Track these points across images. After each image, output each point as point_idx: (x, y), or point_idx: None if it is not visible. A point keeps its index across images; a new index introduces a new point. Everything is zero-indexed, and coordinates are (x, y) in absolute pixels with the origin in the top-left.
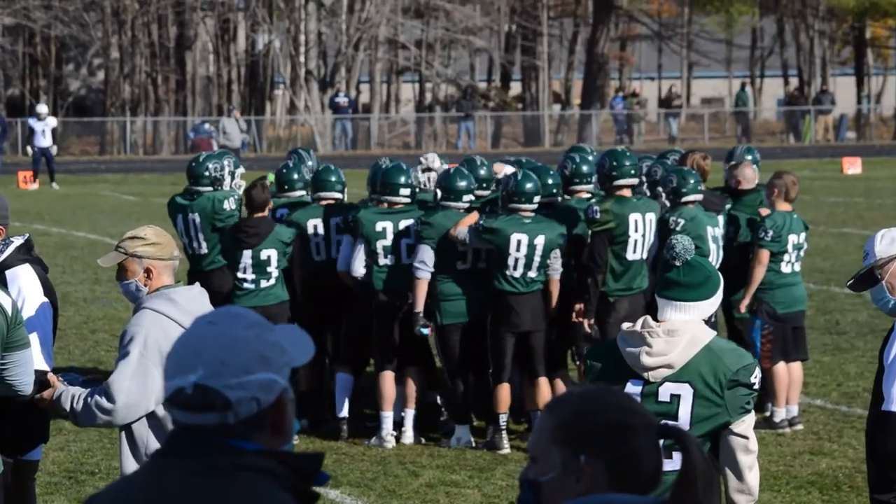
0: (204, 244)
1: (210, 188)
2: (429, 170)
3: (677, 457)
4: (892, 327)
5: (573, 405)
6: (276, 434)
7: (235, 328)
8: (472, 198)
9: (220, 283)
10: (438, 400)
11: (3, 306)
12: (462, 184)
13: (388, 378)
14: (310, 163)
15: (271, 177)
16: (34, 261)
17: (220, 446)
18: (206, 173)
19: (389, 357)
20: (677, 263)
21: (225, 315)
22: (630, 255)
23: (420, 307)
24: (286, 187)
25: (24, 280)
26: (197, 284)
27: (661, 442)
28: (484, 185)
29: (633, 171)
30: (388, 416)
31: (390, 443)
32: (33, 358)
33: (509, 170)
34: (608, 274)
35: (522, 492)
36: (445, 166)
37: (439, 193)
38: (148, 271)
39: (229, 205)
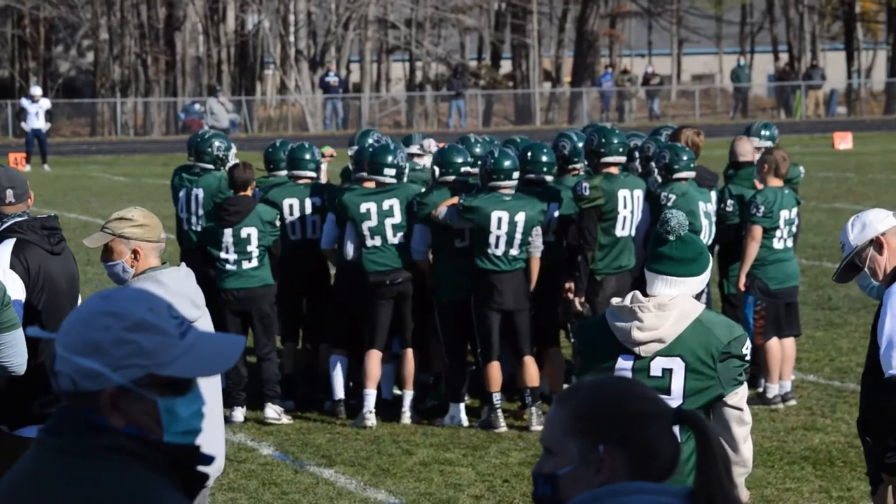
0: (203, 221)
1: (212, 166)
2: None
3: None
4: (880, 302)
5: (587, 395)
6: (122, 424)
7: (97, 307)
8: (469, 170)
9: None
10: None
11: None
12: (458, 159)
13: (374, 357)
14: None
15: (326, 148)
16: (35, 240)
17: (89, 424)
18: (210, 150)
19: (378, 338)
20: (671, 238)
21: (110, 294)
22: (619, 232)
23: (432, 284)
24: (272, 167)
25: None
26: (183, 265)
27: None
28: (479, 162)
29: (620, 149)
30: (370, 394)
31: (370, 420)
32: (24, 338)
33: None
34: (596, 251)
35: (538, 486)
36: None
37: (436, 171)
38: (135, 252)
39: None
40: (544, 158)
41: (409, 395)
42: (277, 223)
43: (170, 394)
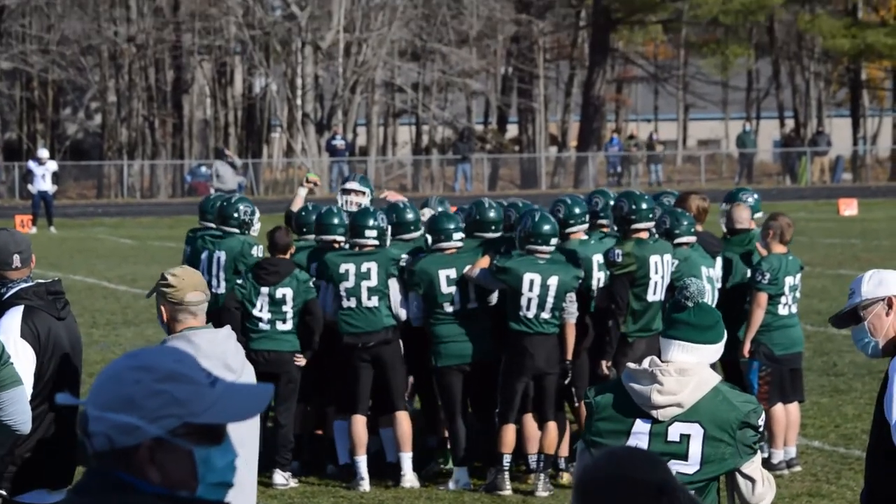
0: (223, 284)
1: (237, 230)
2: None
3: None
4: (886, 373)
5: (606, 490)
6: (159, 479)
7: (125, 364)
8: (462, 236)
9: (231, 323)
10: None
11: None
12: (450, 225)
13: (359, 422)
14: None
15: (311, 175)
16: (42, 306)
17: (116, 483)
18: (236, 215)
19: (360, 402)
20: (689, 304)
21: (136, 352)
22: (650, 297)
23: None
24: (304, 230)
25: (4, 320)
26: (227, 328)
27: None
28: (493, 227)
29: (650, 215)
30: (361, 461)
31: (364, 486)
32: (27, 396)
33: (396, 197)
34: (628, 315)
35: None
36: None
37: (429, 238)
38: (167, 312)
39: (258, 252)
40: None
41: (407, 457)
42: (311, 284)
43: (205, 443)
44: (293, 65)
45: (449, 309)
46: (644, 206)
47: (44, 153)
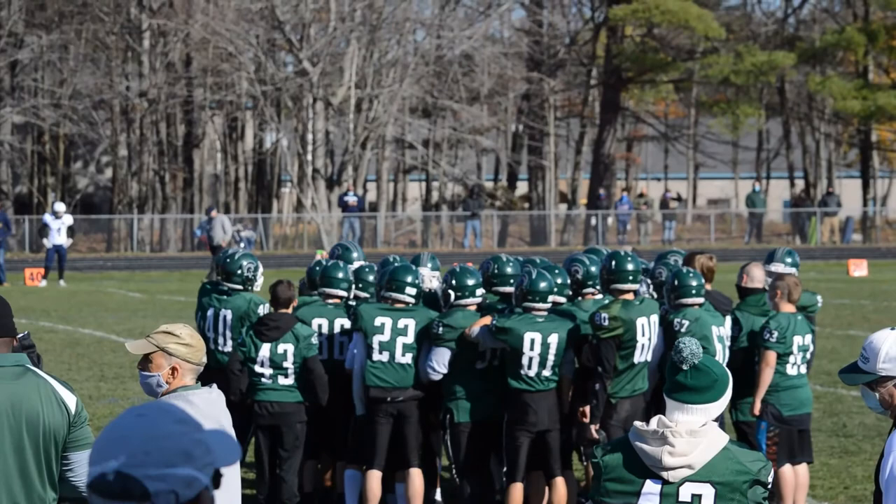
0: (229, 342)
1: (241, 287)
2: None
3: None
4: (883, 447)
5: None
6: None
7: (164, 421)
8: (483, 292)
9: (237, 385)
10: (438, 496)
11: (67, 404)
12: (471, 281)
13: (374, 477)
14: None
15: (320, 252)
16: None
17: None
18: (239, 272)
19: (377, 456)
20: (684, 367)
21: (155, 408)
22: (636, 359)
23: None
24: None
25: None
26: (214, 386)
27: None
28: (511, 281)
29: (631, 277)
30: None
31: None
32: None
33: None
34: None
35: None
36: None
37: (452, 294)
38: (174, 370)
39: (264, 310)
40: (559, 281)
41: None
42: (314, 340)
43: (215, 488)
44: (304, 120)
45: (479, 366)
46: (628, 267)
47: (60, 207)
